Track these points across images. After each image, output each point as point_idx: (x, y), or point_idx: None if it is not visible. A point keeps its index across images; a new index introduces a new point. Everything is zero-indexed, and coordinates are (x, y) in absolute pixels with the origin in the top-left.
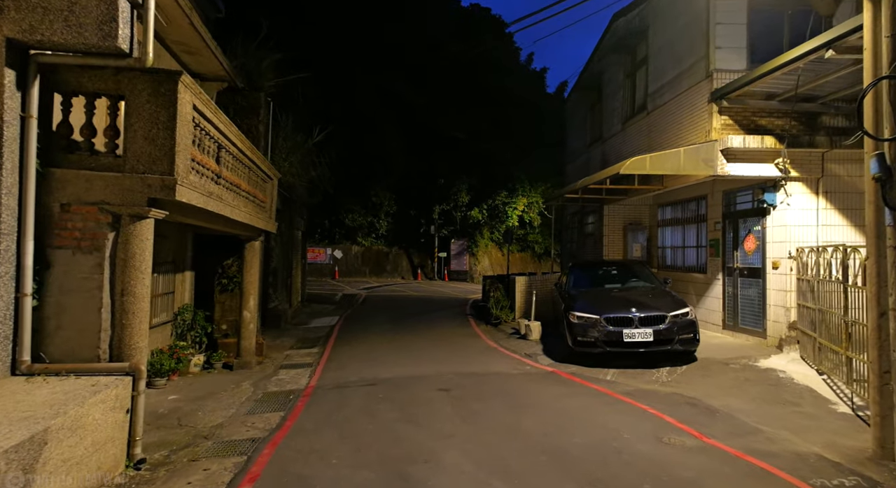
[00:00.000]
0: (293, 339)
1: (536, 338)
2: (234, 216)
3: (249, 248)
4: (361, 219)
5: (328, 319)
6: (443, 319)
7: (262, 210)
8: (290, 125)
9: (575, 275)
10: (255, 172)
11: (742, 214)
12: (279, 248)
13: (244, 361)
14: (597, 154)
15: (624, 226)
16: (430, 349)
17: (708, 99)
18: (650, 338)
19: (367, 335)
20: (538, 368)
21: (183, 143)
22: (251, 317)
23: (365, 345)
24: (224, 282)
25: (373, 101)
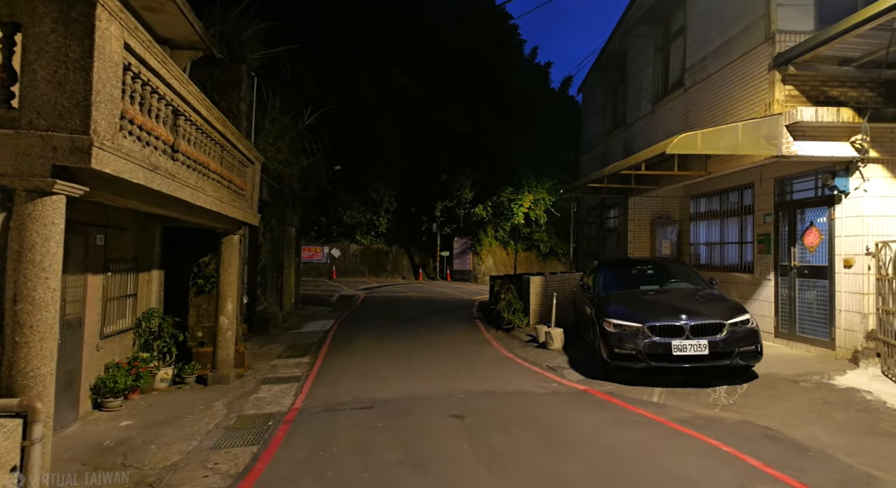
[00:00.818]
0: (282, 346)
1: (558, 348)
2: (198, 201)
3: (227, 243)
4: (360, 217)
5: (323, 323)
6: (448, 323)
7: (241, 198)
8: (277, 106)
9: (604, 276)
10: (231, 153)
11: (801, 204)
12: (268, 245)
13: (220, 375)
14: (618, 141)
15: (651, 220)
16: (435, 359)
17: (769, 66)
18: (705, 350)
19: (365, 342)
20: (567, 386)
21: (105, 92)
22: (229, 324)
23: (361, 354)
24: (200, 283)
25: (371, 92)
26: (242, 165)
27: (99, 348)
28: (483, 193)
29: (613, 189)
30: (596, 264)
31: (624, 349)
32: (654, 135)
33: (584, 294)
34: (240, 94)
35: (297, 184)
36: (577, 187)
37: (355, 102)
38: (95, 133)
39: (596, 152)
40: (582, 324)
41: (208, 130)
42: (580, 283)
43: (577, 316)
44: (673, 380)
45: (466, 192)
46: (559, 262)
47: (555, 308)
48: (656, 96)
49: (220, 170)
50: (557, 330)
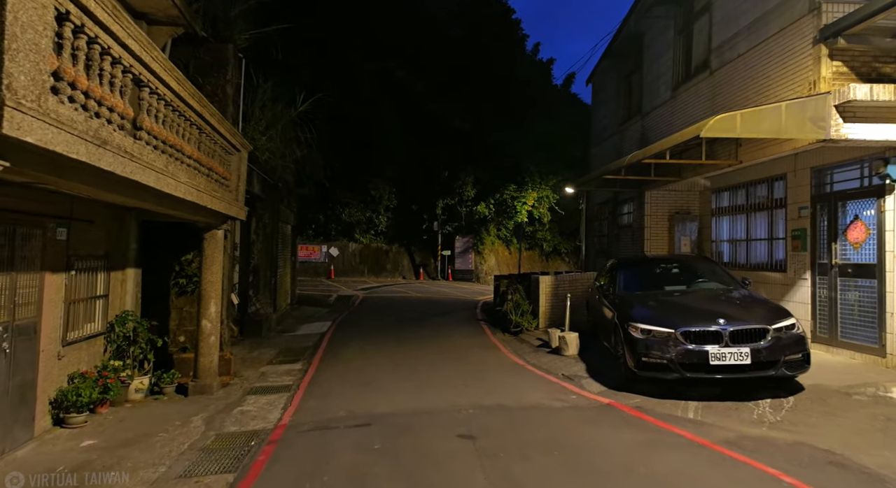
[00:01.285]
0: (274, 351)
1: (574, 354)
2: (167, 189)
3: (210, 239)
4: (359, 214)
5: (319, 325)
6: (451, 326)
7: (224, 189)
8: (269, 92)
9: (625, 275)
10: (212, 137)
11: (844, 196)
12: (261, 243)
13: (203, 384)
14: (633, 132)
15: (669, 216)
16: (439, 366)
17: (813, 39)
18: (746, 359)
19: (362, 346)
20: (589, 399)
21: (27, 40)
22: (212, 328)
23: (358, 360)
24: (182, 283)
25: (371, 87)
26: (226, 152)
27: (60, 356)
28: (485, 191)
29: (630, 181)
30: (614, 263)
31: (653, 357)
32: (676, 122)
33: (601, 295)
34: (226, 77)
35: (293, 178)
36: (590, 180)
37: (354, 97)
38: (10, 90)
39: (608, 144)
40: (599, 327)
41: (181, 108)
42: (595, 284)
43: (592, 318)
44: (708, 393)
45: (468, 190)
46: (562, 262)
47: (569, 310)
48: (677, 81)
49: (197, 156)
50: (572, 334)
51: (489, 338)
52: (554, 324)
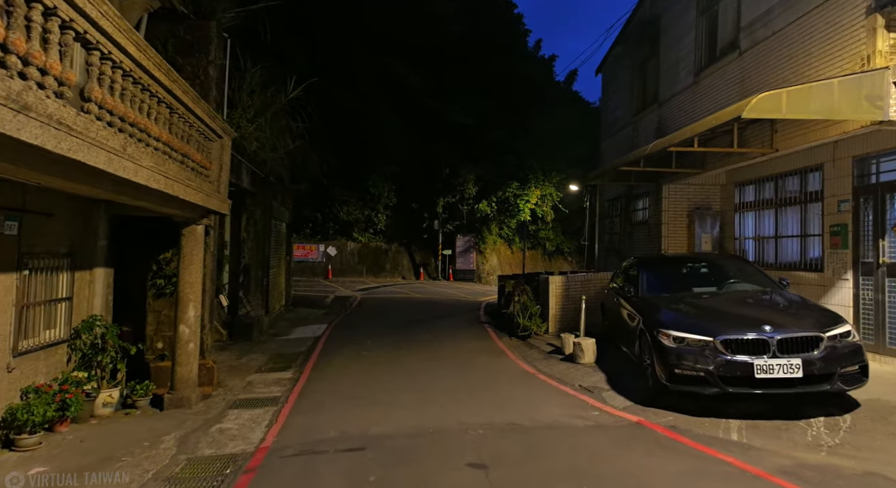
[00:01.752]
0: (264, 357)
1: (590, 362)
2: (126, 173)
3: (188, 236)
4: (358, 213)
5: (313, 328)
6: (454, 329)
7: (203, 179)
8: (258, 77)
9: (648, 275)
10: (186, 119)
11: (892, 187)
12: (252, 241)
13: (180, 397)
14: (649, 122)
15: (689, 211)
16: (442, 375)
17: (868, 9)
18: (798, 372)
19: (359, 351)
20: (614, 416)
21: None
22: (191, 334)
23: (354, 368)
24: (160, 284)
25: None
26: (205, 138)
27: (11, 368)
28: (487, 188)
29: (647, 174)
30: (633, 262)
31: (688, 369)
32: (698, 110)
33: (620, 297)
34: (208, 57)
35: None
36: (605, 173)
37: (352, 92)
38: None
39: (621, 136)
40: (617, 332)
41: (145, 81)
42: (611, 285)
43: (608, 322)
44: (750, 409)
45: (470, 187)
46: (565, 261)
47: (584, 313)
48: (699, 66)
49: (167, 139)
50: (588, 340)
51: (495, 343)
52: (565, 329)
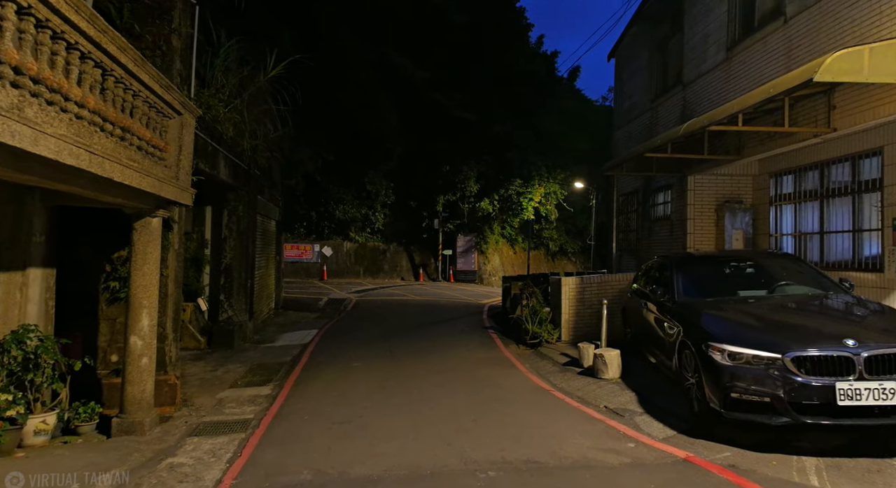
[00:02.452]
0: (243, 368)
1: (614, 377)
2: (16, 141)
3: (141, 230)
4: (354, 211)
5: (303, 334)
6: (456, 335)
7: (155, 162)
8: (234, 53)
9: (683, 277)
10: (128, 86)
11: None
12: (234, 239)
13: (130, 421)
14: (671, 107)
15: (717, 205)
16: (442, 393)
17: None
18: (893, 398)
19: (349, 361)
20: (656, 450)
21: None
22: (145, 346)
23: (341, 382)
24: (114, 287)
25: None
26: (158, 113)
27: None
28: (489, 186)
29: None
30: (662, 261)
31: (748, 393)
32: (732, 88)
33: (649, 302)
34: (170, 25)
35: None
36: (626, 160)
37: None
38: None
39: (637, 125)
40: (645, 342)
41: (57, 26)
42: (633, 287)
43: (631, 330)
44: (827, 443)
45: (471, 185)
46: (569, 262)
47: (606, 321)
48: (733, 40)
49: (94, 105)
50: (612, 352)
51: (501, 352)
52: (581, 337)
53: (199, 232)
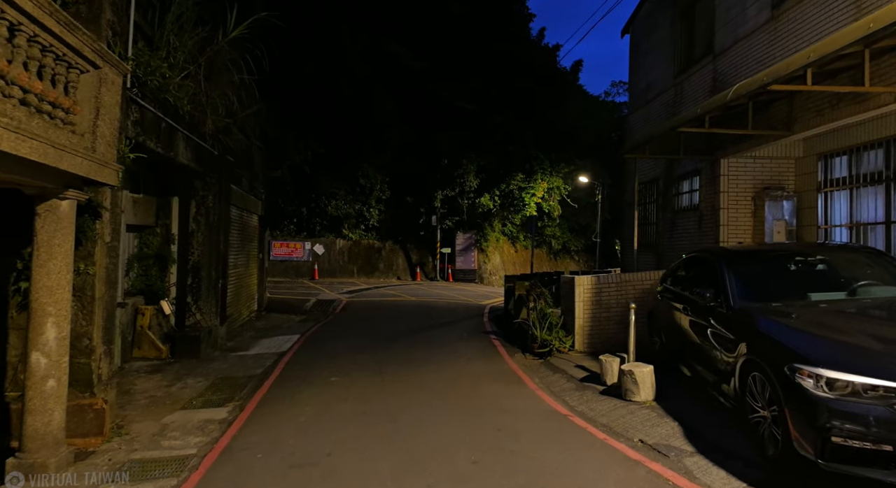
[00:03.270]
0: (205, 382)
1: (647, 399)
2: None
3: (46, 216)
4: (348, 207)
5: (282, 341)
6: (454, 342)
7: (55, 126)
8: (191, 9)
9: (736, 275)
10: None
11: None
12: (203, 234)
13: (31, 462)
14: (698, 81)
15: (755, 192)
16: (436, 419)
17: None
18: None
19: (329, 375)
20: None
21: None
22: (50, 365)
23: (315, 403)
24: (27, 289)
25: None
26: (59, 61)
27: None
28: (490, 181)
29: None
30: (703, 256)
31: (861, 439)
32: (780, 53)
33: (684, 305)
34: None
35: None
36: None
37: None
38: None
39: (656, 105)
40: (681, 354)
41: None
42: (660, 289)
43: (662, 340)
44: None
45: (471, 180)
46: (572, 261)
47: (634, 328)
48: None
49: None
50: (644, 368)
51: (506, 363)
52: (598, 345)
53: (163, 225)
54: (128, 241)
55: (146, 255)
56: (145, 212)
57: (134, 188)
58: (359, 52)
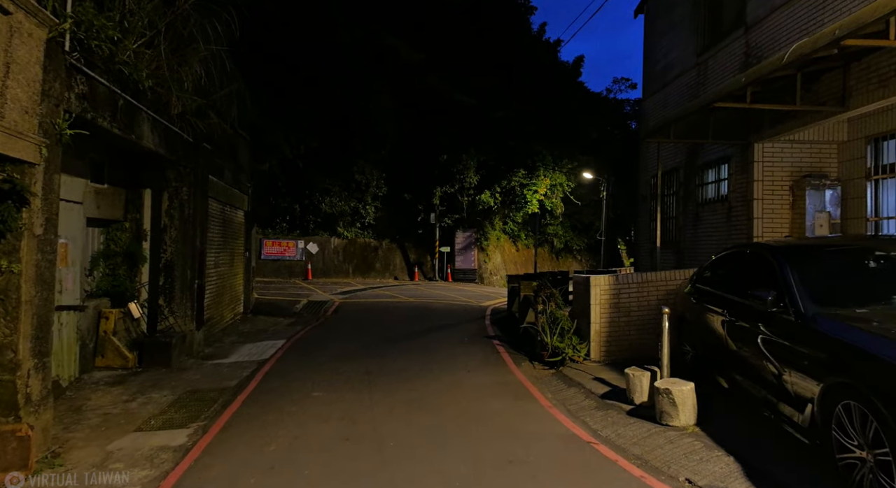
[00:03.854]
0: (171, 397)
1: (688, 423)
2: None
3: None
4: (343, 204)
5: (265, 347)
6: (453, 348)
7: None
8: None
9: (802, 274)
10: None
11: None
12: (176, 229)
13: None
14: (727, 58)
15: (793, 181)
16: (432, 448)
17: None
18: None
19: (309, 392)
20: None
21: None
22: None
23: (288, 429)
24: None
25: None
26: None
27: None
28: (490, 177)
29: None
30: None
31: None
32: (829, 16)
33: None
34: None
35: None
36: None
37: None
38: None
39: (676, 88)
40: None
41: None
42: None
43: (694, 347)
44: None
45: (471, 176)
46: (574, 260)
47: (668, 338)
48: None
49: None
50: (685, 387)
51: (513, 373)
52: (618, 354)
53: (133, 220)
54: (91, 237)
55: (113, 253)
56: (111, 205)
57: (97, 177)
58: (354, 43)
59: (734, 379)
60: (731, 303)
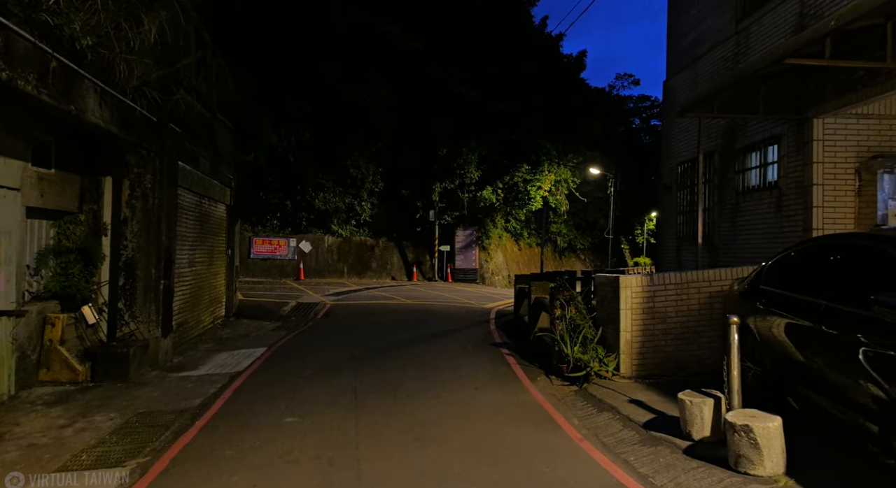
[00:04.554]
0: (117, 420)
1: (777, 472)
2: None
3: None
4: (337, 200)
5: (241, 356)
6: (455, 360)
7: None
8: None
9: None
10: None
11: None
12: (138, 222)
13: None
14: (774, 22)
15: (859, 163)
16: None
17: None
18: None
19: (284, 416)
20: None
21: None
22: None
23: (247, 473)
24: None
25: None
26: None
27: None
28: (492, 172)
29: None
30: (843, 243)
31: None
32: None
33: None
34: None
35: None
36: (735, 82)
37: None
38: None
39: (708, 62)
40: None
41: None
42: (752, 289)
43: (764, 367)
44: None
45: (471, 171)
46: (577, 259)
47: (737, 356)
48: None
49: None
50: (770, 423)
51: (528, 391)
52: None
53: (91, 212)
54: (36, 231)
55: (66, 249)
56: (60, 194)
57: (39, 160)
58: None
59: (816, 403)
60: (822, 310)
